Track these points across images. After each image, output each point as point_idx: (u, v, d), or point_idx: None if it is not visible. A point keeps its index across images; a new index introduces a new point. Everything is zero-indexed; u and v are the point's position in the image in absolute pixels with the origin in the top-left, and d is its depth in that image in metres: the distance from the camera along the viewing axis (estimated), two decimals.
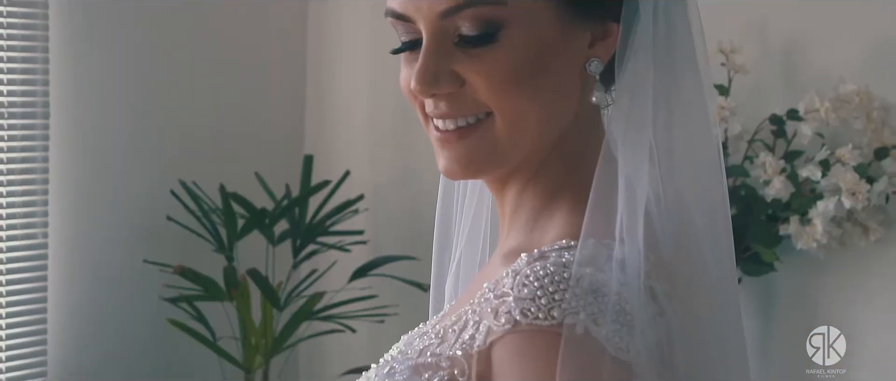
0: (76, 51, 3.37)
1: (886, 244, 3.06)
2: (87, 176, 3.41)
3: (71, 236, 3.39)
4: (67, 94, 3.35)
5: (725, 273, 1.28)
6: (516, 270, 1.15)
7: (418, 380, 1.19)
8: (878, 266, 3.10)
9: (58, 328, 3.37)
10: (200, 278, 3.37)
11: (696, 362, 1.24)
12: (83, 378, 3.43)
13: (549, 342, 1.11)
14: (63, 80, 3.34)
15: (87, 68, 3.40)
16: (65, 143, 3.35)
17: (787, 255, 3.11)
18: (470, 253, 1.44)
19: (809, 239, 2.97)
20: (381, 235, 3.72)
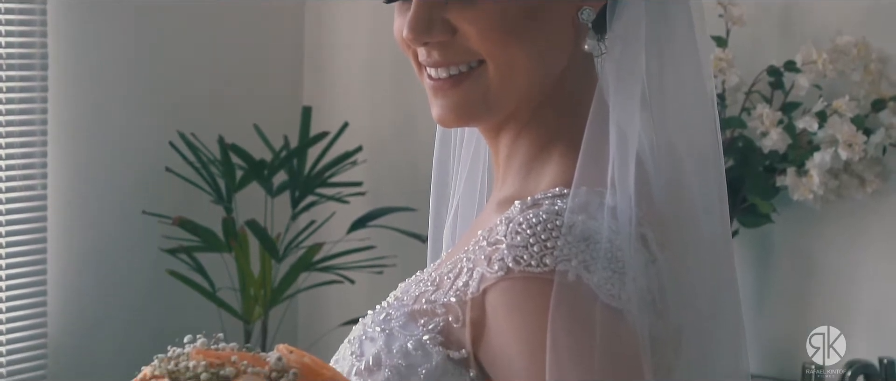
0: (75, 2, 3.37)
1: (883, 196, 3.07)
2: (85, 127, 3.42)
3: (70, 188, 3.40)
4: (66, 46, 3.35)
5: (717, 222, 1.29)
6: (509, 217, 1.17)
7: (414, 326, 1.20)
8: (874, 218, 3.11)
9: (57, 279, 3.38)
10: (199, 229, 3.38)
11: (687, 308, 1.25)
12: (83, 329, 3.45)
13: (541, 289, 1.12)
14: (62, 32, 3.34)
15: (85, 20, 3.40)
16: (63, 94, 3.36)
17: (783, 206, 3.12)
18: (467, 201, 1.45)
19: (806, 191, 2.98)
20: (379, 186, 3.73)
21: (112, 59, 3.46)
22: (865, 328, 3.14)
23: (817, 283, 3.20)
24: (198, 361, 1.08)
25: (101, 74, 3.45)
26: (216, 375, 1.07)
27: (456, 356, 1.18)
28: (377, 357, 1.20)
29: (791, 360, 3.18)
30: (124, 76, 3.49)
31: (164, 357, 1.11)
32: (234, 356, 1.10)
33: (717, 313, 1.29)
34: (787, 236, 3.21)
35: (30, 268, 3.31)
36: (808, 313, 3.21)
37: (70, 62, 3.37)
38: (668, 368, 1.25)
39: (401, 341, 1.20)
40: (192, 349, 1.12)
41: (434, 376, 1.18)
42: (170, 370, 1.08)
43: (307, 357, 1.14)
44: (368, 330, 1.23)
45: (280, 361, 1.11)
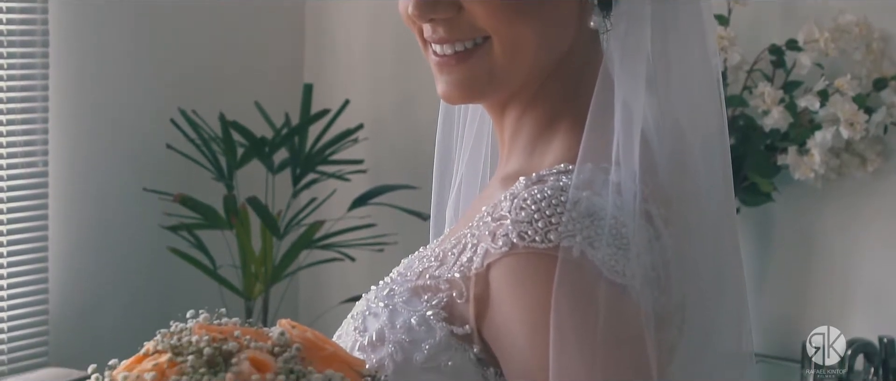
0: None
1: (884, 175, 3.07)
2: (87, 104, 3.41)
3: (71, 165, 3.39)
4: (67, 23, 3.35)
5: (722, 199, 1.29)
6: (514, 193, 1.17)
7: (417, 302, 1.20)
8: (875, 197, 3.11)
9: (58, 256, 3.38)
10: (200, 206, 3.38)
11: (690, 285, 1.25)
12: (84, 306, 3.46)
13: (545, 265, 1.12)
14: (63, 9, 3.33)
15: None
16: (64, 71, 3.35)
17: (784, 185, 3.12)
18: (470, 178, 1.45)
19: (807, 169, 2.99)
20: (380, 164, 3.73)
21: (113, 36, 3.46)
22: (865, 306, 3.14)
23: (818, 262, 3.20)
24: (200, 336, 1.08)
25: (103, 51, 3.44)
26: (219, 350, 1.07)
27: (459, 331, 1.18)
28: (380, 333, 1.20)
29: (791, 338, 3.19)
30: (125, 53, 3.49)
31: (167, 332, 1.11)
32: (237, 332, 1.11)
33: (720, 289, 1.30)
34: (787, 215, 3.22)
35: (31, 245, 3.31)
36: (809, 292, 3.21)
37: (71, 40, 3.36)
38: (671, 344, 1.25)
39: (404, 316, 1.20)
40: (194, 324, 1.13)
41: (437, 351, 1.18)
42: (172, 345, 1.08)
43: (310, 332, 1.14)
44: (372, 306, 1.23)
45: (283, 336, 1.11)
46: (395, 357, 1.19)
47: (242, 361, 1.05)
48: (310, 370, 1.07)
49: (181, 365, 1.05)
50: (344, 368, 1.11)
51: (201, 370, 1.04)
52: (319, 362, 1.10)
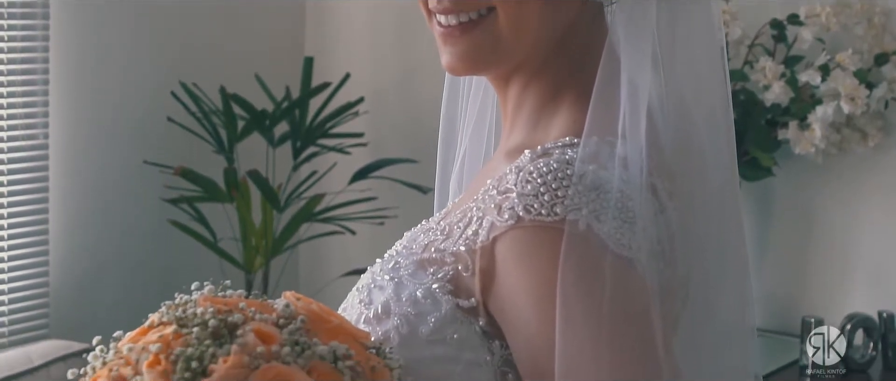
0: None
1: (884, 150, 3.07)
2: (87, 77, 3.41)
3: (72, 137, 3.39)
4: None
5: (726, 173, 1.29)
6: (520, 166, 1.16)
7: (423, 275, 1.20)
8: (875, 172, 3.11)
9: (59, 228, 3.38)
10: (201, 179, 3.38)
11: (694, 258, 1.26)
12: (84, 279, 3.46)
13: (551, 238, 1.12)
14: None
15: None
16: (65, 43, 3.35)
17: (785, 160, 3.12)
18: (474, 151, 1.45)
19: (808, 144, 2.98)
20: (381, 137, 3.72)
21: (114, 8, 3.45)
22: (865, 281, 3.15)
23: (818, 237, 3.21)
24: (205, 308, 1.08)
25: (103, 23, 3.43)
26: (224, 322, 1.07)
27: (465, 304, 1.18)
28: (386, 305, 1.21)
29: (790, 313, 3.19)
30: (126, 26, 3.48)
31: (172, 304, 1.12)
32: (242, 303, 1.11)
33: (723, 263, 1.30)
34: (788, 190, 3.22)
35: (32, 217, 3.31)
36: (808, 267, 3.22)
37: (72, 12, 3.35)
38: (675, 317, 1.25)
39: (410, 289, 1.20)
40: (199, 296, 1.13)
41: (443, 324, 1.18)
42: (177, 317, 1.08)
43: (315, 304, 1.15)
44: (377, 278, 1.24)
45: (288, 308, 1.11)
46: (400, 330, 1.19)
47: (248, 333, 1.05)
48: (315, 341, 1.07)
49: (186, 337, 1.05)
50: (349, 340, 1.11)
51: (206, 342, 1.04)
52: (324, 334, 1.11)
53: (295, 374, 1.02)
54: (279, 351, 1.04)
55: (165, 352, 1.03)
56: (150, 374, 1.02)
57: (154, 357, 1.03)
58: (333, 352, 1.07)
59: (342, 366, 1.06)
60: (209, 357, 1.02)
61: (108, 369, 1.05)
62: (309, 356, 1.05)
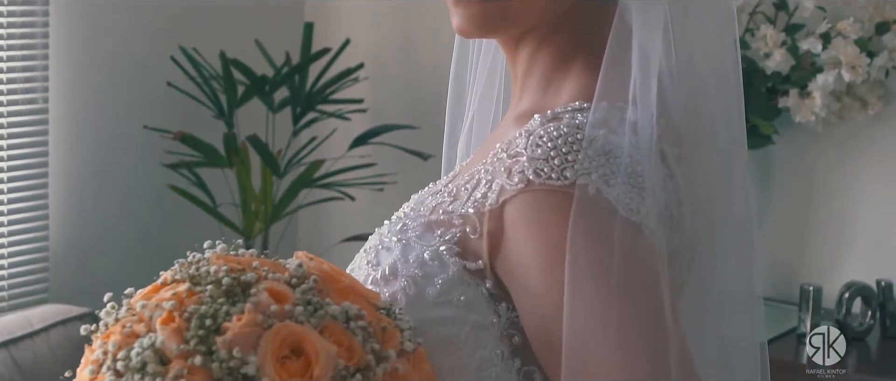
0: None
1: (884, 119, 3.08)
2: (87, 41, 3.40)
3: (71, 102, 3.39)
4: None
5: (735, 139, 1.30)
6: (530, 130, 1.17)
7: (430, 237, 1.21)
8: (875, 141, 3.12)
9: (58, 193, 3.38)
10: (201, 144, 3.38)
11: (702, 223, 1.26)
12: (84, 243, 3.46)
13: (561, 202, 1.12)
14: None
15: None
16: (65, 7, 3.34)
17: (785, 128, 3.12)
18: (483, 114, 1.45)
19: (808, 112, 2.99)
20: (381, 103, 3.72)
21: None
22: (864, 250, 3.16)
23: (817, 205, 3.21)
24: (219, 266, 1.09)
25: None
26: (237, 280, 1.08)
27: (472, 266, 1.19)
28: (393, 267, 1.21)
29: (789, 281, 3.20)
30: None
31: (185, 262, 1.12)
32: (255, 262, 1.11)
33: (730, 229, 1.30)
34: (787, 158, 3.22)
35: (31, 182, 3.31)
36: (808, 235, 3.23)
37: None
38: (681, 282, 1.26)
39: (417, 251, 1.21)
40: (212, 254, 1.13)
41: (450, 286, 1.19)
42: (191, 275, 1.09)
43: (326, 265, 1.15)
44: (385, 240, 1.24)
45: (300, 267, 1.12)
46: (407, 291, 1.20)
47: (261, 291, 1.06)
48: (327, 301, 1.08)
49: (200, 295, 1.06)
50: (360, 300, 1.12)
51: (220, 300, 1.05)
52: (336, 294, 1.11)
53: (308, 333, 1.03)
54: (292, 310, 1.05)
55: (179, 309, 1.04)
56: (163, 331, 1.02)
57: (168, 314, 1.03)
58: (346, 312, 1.07)
59: (354, 326, 1.07)
60: (223, 315, 1.03)
61: (122, 325, 1.06)
62: (321, 316, 1.06)
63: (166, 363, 1.02)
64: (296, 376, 1.01)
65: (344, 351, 1.04)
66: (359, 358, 1.04)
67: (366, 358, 1.05)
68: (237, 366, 1.01)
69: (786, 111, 3.05)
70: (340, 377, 1.03)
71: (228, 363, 1.01)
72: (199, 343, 1.02)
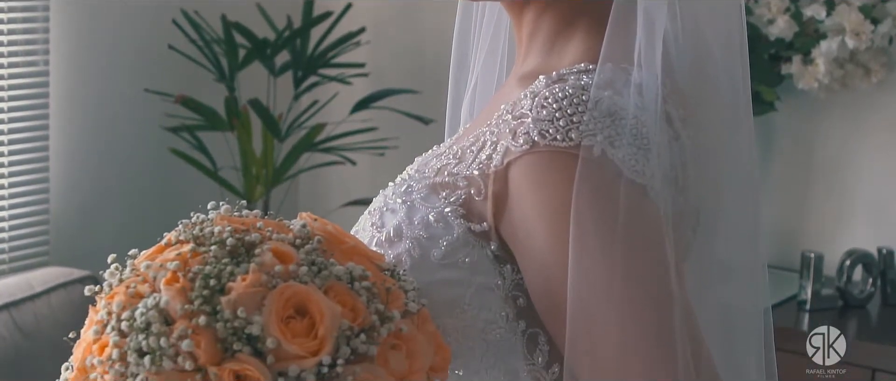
0: None
1: (887, 87, 3.07)
2: (88, 4, 3.39)
3: (72, 65, 3.38)
4: None
5: (740, 101, 1.29)
6: (535, 91, 1.16)
7: (435, 199, 1.21)
8: (877, 109, 3.11)
9: (59, 156, 3.38)
10: (202, 107, 3.38)
11: (707, 186, 1.26)
12: (84, 206, 3.46)
13: (566, 164, 1.12)
14: None
15: None
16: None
17: (787, 94, 3.12)
18: (486, 77, 1.45)
19: (811, 79, 2.98)
20: (382, 67, 3.71)
21: None
22: (865, 217, 3.16)
23: (819, 172, 3.21)
24: (223, 226, 1.09)
25: None
26: (242, 241, 1.07)
27: (477, 228, 1.18)
28: (398, 229, 1.21)
29: (790, 248, 3.20)
30: None
31: (189, 223, 1.12)
32: (259, 223, 1.11)
33: (734, 190, 1.30)
34: (790, 125, 3.22)
35: (32, 145, 3.31)
36: (809, 202, 3.23)
37: None
38: (686, 245, 1.26)
39: (422, 213, 1.20)
40: (216, 215, 1.13)
41: (455, 248, 1.19)
42: (195, 235, 1.09)
43: (330, 226, 1.15)
44: (389, 202, 1.24)
45: (304, 228, 1.12)
46: (412, 253, 1.19)
47: (265, 252, 1.05)
48: (331, 262, 1.08)
49: (204, 255, 1.05)
50: (364, 261, 1.12)
51: (224, 261, 1.04)
52: (340, 254, 1.11)
53: (312, 294, 1.03)
54: (296, 271, 1.04)
55: (183, 270, 1.03)
56: (168, 291, 1.02)
57: (172, 275, 1.03)
58: (350, 273, 1.07)
59: (358, 287, 1.07)
60: (227, 275, 1.03)
61: (126, 286, 1.05)
62: (325, 277, 1.05)
63: (170, 323, 1.02)
64: (300, 335, 1.01)
65: (348, 311, 1.04)
66: (363, 318, 1.04)
67: (370, 318, 1.05)
68: (241, 326, 1.00)
69: (789, 78, 3.04)
70: (345, 337, 1.03)
71: (233, 322, 1.01)
72: (204, 303, 1.01)
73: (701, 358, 1.13)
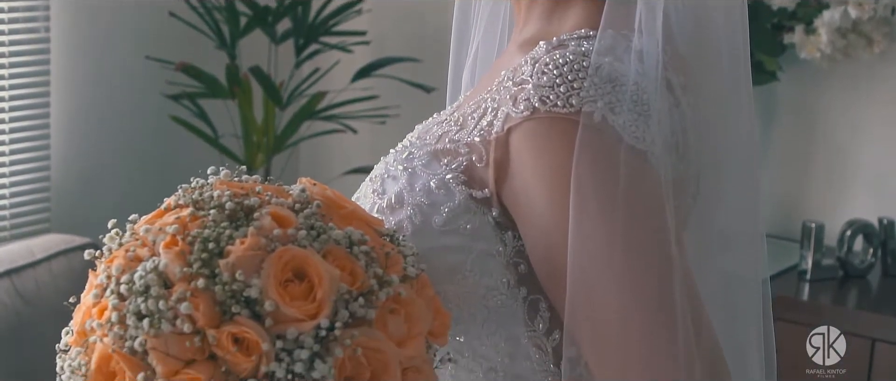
0: None
1: (889, 57, 3.06)
2: None
3: (73, 32, 3.37)
4: None
5: (740, 69, 1.29)
6: (535, 57, 1.16)
7: (437, 165, 1.20)
8: (879, 79, 3.11)
9: (60, 123, 3.37)
10: (203, 75, 3.37)
11: (707, 153, 1.26)
12: (85, 173, 3.46)
13: (566, 130, 1.12)
14: None
15: None
16: None
17: (789, 64, 3.11)
18: (487, 45, 1.45)
19: (813, 49, 2.98)
20: (383, 35, 3.70)
21: None
22: (866, 188, 3.15)
23: (820, 142, 3.21)
24: (222, 190, 1.09)
25: None
26: (241, 205, 1.07)
27: (478, 195, 1.18)
28: (399, 195, 1.21)
29: (791, 217, 3.20)
30: None
31: (188, 187, 1.12)
32: (258, 187, 1.11)
33: (734, 157, 1.30)
34: (791, 95, 3.21)
35: (33, 111, 3.30)
36: (810, 172, 3.22)
37: None
38: (686, 213, 1.26)
39: (423, 179, 1.20)
40: (215, 180, 1.13)
41: (456, 214, 1.19)
42: (194, 200, 1.08)
43: (330, 191, 1.15)
44: (391, 169, 1.24)
45: (303, 193, 1.12)
46: (413, 220, 1.19)
47: (264, 216, 1.05)
48: (330, 226, 1.08)
49: (203, 219, 1.05)
50: (363, 226, 1.12)
51: (223, 224, 1.04)
52: (339, 219, 1.11)
53: (310, 257, 1.03)
54: (295, 235, 1.04)
55: (182, 233, 1.03)
56: (167, 254, 1.02)
57: (171, 238, 1.03)
58: (349, 237, 1.07)
59: (357, 251, 1.07)
60: (226, 239, 1.03)
61: (125, 250, 1.05)
62: (324, 241, 1.05)
63: (169, 286, 1.02)
64: (298, 299, 1.01)
65: (347, 275, 1.04)
66: (361, 282, 1.04)
67: (369, 283, 1.05)
68: (240, 289, 1.01)
69: (791, 48, 3.04)
70: (343, 300, 1.03)
71: (231, 286, 1.01)
72: (203, 267, 1.01)
73: (701, 325, 1.13)
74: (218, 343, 1.00)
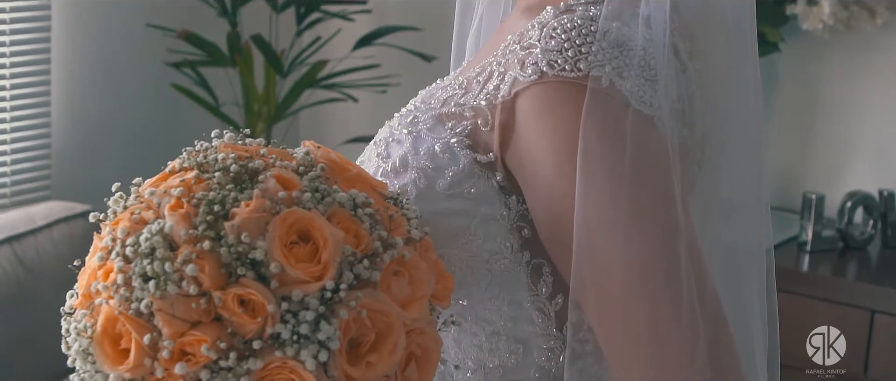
0: None
1: (891, 29, 3.06)
2: None
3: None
4: None
5: (746, 37, 1.29)
6: (543, 22, 1.16)
7: (441, 129, 1.20)
8: (881, 51, 3.10)
9: (61, 90, 3.37)
10: (204, 43, 3.36)
11: (712, 120, 1.26)
12: (86, 140, 3.45)
13: (574, 94, 1.12)
14: None
15: None
16: None
17: (791, 35, 3.11)
18: (492, 12, 1.44)
19: (816, 20, 2.97)
20: (385, 4, 3.70)
21: None
22: (867, 159, 3.15)
23: (821, 114, 3.21)
24: (226, 153, 1.08)
25: None
26: (245, 167, 1.07)
27: (483, 159, 1.18)
28: (404, 159, 1.21)
29: (792, 189, 3.20)
30: None
31: (192, 150, 1.12)
32: (263, 150, 1.11)
33: (739, 124, 1.30)
34: (793, 66, 3.21)
35: (33, 79, 3.30)
36: (811, 144, 3.22)
37: None
38: (692, 178, 1.26)
39: (428, 143, 1.20)
40: (219, 143, 1.13)
41: (460, 178, 1.18)
42: (199, 163, 1.08)
43: (334, 154, 1.15)
44: (395, 132, 1.23)
45: (308, 156, 1.11)
46: (417, 183, 1.19)
47: (268, 178, 1.05)
48: (334, 189, 1.08)
49: (208, 181, 1.05)
50: (367, 189, 1.12)
51: (228, 187, 1.04)
52: (343, 182, 1.11)
53: (315, 219, 1.03)
54: (300, 197, 1.04)
55: (187, 196, 1.03)
56: (172, 217, 1.02)
57: (176, 201, 1.03)
58: (353, 200, 1.07)
59: (361, 214, 1.06)
60: (231, 201, 1.02)
61: (130, 212, 1.05)
62: (329, 203, 1.05)
63: (175, 248, 1.02)
64: (303, 260, 1.01)
65: (351, 238, 1.04)
66: (366, 245, 1.04)
67: (373, 245, 1.04)
68: (245, 251, 1.00)
69: (793, 19, 3.03)
70: (348, 262, 1.03)
71: (237, 248, 1.00)
72: (208, 229, 1.01)
73: (705, 292, 1.13)
74: (223, 305, 1.00)
